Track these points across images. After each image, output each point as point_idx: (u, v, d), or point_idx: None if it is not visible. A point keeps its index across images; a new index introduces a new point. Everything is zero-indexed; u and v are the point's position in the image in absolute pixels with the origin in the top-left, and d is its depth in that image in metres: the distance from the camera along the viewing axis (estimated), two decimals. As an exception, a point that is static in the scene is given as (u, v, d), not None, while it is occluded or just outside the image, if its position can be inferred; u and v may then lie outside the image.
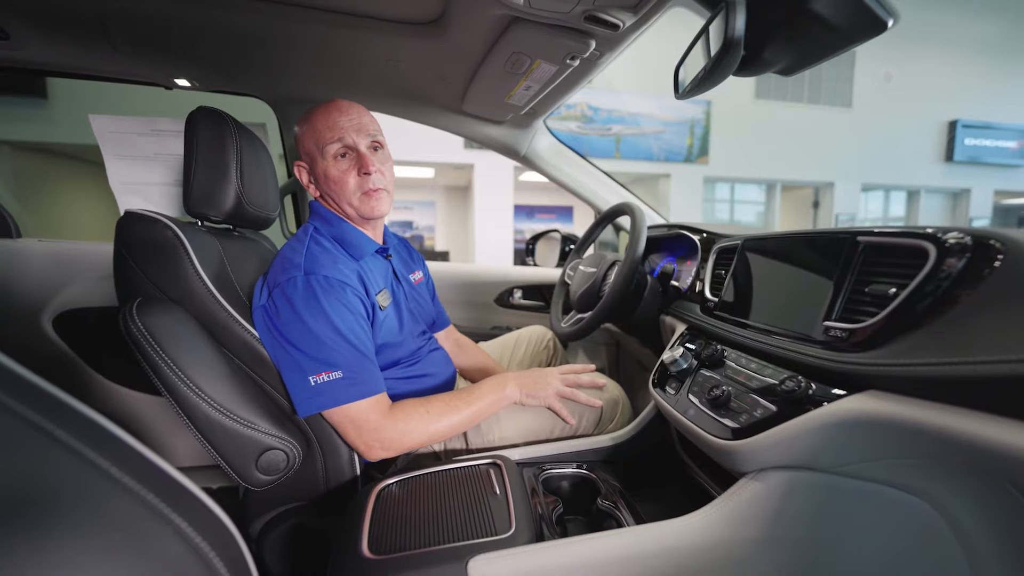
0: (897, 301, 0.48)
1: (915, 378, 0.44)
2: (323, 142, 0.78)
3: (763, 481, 0.56)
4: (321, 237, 0.80)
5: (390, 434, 0.71)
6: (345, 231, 0.82)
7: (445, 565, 0.52)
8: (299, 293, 0.69)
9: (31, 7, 0.80)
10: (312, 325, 0.68)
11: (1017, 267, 0.42)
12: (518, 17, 0.74)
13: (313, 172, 0.82)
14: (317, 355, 0.68)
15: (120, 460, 0.29)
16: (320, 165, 0.79)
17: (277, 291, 0.70)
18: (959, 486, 0.50)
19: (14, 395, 0.27)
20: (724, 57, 0.60)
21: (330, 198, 0.82)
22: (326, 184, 0.80)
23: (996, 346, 0.39)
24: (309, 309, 0.69)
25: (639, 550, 0.55)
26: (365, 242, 0.83)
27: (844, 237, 0.58)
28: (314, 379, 0.67)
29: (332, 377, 0.68)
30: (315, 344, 0.68)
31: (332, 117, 0.78)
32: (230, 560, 0.33)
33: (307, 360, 0.68)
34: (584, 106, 7.24)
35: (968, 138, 8.50)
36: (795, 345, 0.58)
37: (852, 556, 0.56)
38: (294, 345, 0.68)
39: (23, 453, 0.26)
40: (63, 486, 0.27)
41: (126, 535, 0.29)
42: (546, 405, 0.83)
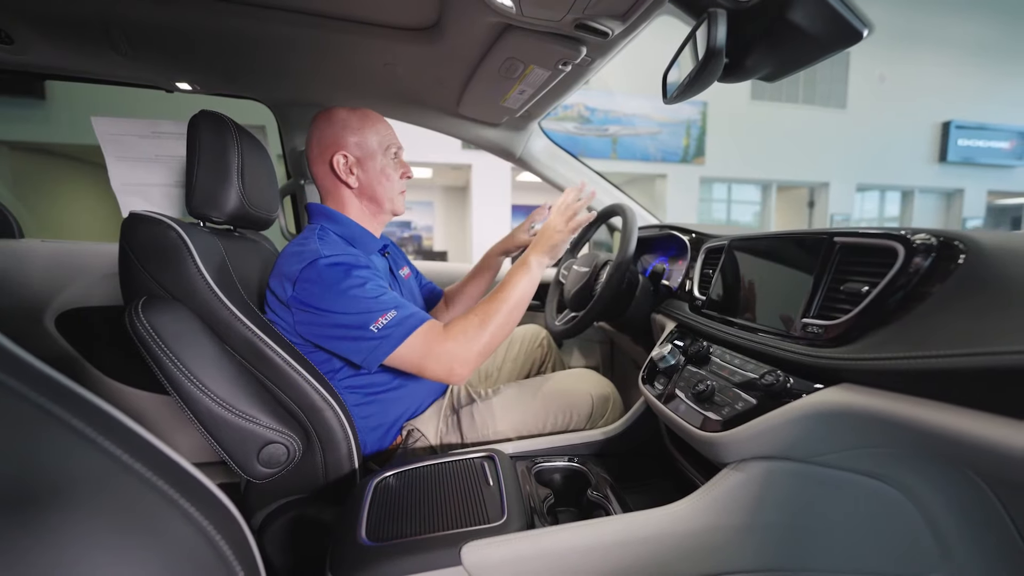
0: (868, 299, 0.51)
1: (884, 371, 0.47)
2: (387, 143, 0.88)
3: (744, 471, 0.58)
4: (328, 234, 0.83)
5: (458, 348, 0.75)
6: (353, 229, 0.87)
7: (440, 551, 0.54)
8: (326, 271, 0.74)
9: (35, 12, 0.82)
10: (350, 289, 0.73)
11: (977, 266, 0.45)
12: (511, 24, 0.76)
13: (363, 165, 0.86)
14: (368, 308, 0.73)
15: (132, 449, 0.32)
16: (379, 161, 0.87)
17: (303, 278, 0.74)
18: (927, 474, 0.52)
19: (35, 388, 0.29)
20: (707, 65, 0.62)
21: (372, 191, 0.88)
22: (378, 178, 0.87)
23: (956, 340, 0.42)
24: (342, 279, 0.74)
25: (625, 537, 0.58)
26: (371, 240, 0.88)
27: (822, 238, 0.61)
28: (375, 327, 0.72)
29: (388, 318, 0.73)
30: (360, 302, 0.73)
31: (382, 122, 0.89)
32: (235, 543, 0.36)
33: (361, 317, 0.72)
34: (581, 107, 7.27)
35: (961, 139, 8.57)
36: (776, 341, 0.61)
37: (828, 541, 0.59)
38: (343, 312, 0.72)
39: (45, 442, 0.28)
40: (81, 472, 0.30)
41: (138, 518, 0.31)
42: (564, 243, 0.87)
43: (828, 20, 0.59)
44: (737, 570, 0.60)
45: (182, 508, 0.33)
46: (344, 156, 0.85)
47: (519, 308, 0.81)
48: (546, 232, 0.86)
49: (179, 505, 0.33)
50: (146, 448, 0.33)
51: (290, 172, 1.28)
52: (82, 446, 0.30)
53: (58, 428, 0.29)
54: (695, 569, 0.59)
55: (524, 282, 0.82)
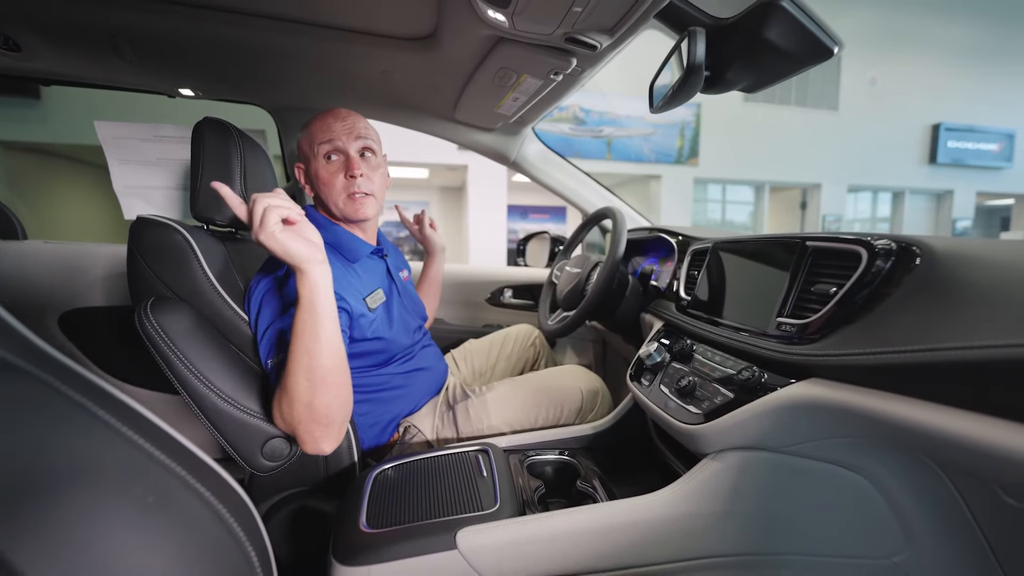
0: (835, 299, 0.55)
1: (847, 367, 0.51)
2: (315, 143, 0.82)
3: (721, 461, 0.62)
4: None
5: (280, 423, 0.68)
6: (340, 235, 0.85)
7: (436, 536, 0.57)
8: (277, 284, 0.74)
9: (43, 21, 0.85)
10: (281, 310, 0.72)
11: (930, 270, 0.49)
12: (504, 37, 0.79)
13: (307, 172, 0.86)
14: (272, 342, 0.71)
15: (153, 439, 0.35)
16: (312, 165, 0.83)
17: (262, 284, 0.74)
18: (888, 461, 0.56)
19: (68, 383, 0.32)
20: (688, 79, 0.66)
21: (319, 198, 0.87)
22: (317, 184, 0.84)
23: (911, 337, 0.46)
24: (283, 295, 0.73)
25: (611, 522, 0.61)
26: (360, 245, 0.87)
27: (796, 242, 0.65)
28: (270, 361, 0.71)
29: (278, 359, 0.70)
30: (277, 328, 0.71)
31: (327, 122, 0.83)
32: (246, 526, 0.39)
33: (264, 347, 0.72)
34: (576, 108, 7.32)
35: (951, 141, 8.70)
36: (754, 339, 0.65)
37: (800, 527, 0.63)
38: (260, 328, 0.72)
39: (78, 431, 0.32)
40: (109, 459, 0.33)
41: (159, 499, 0.34)
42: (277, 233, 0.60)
43: (801, 38, 0.63)
44: (716, 554, 0.63)
45: (199, 492, 0.37)
46: (299, 167, 0.88)
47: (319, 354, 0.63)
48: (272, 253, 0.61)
49: (196, 489, 0.37)
50: (165, 438, 0.36)
51: (289, 175, 1.31)
52: (110, 436, 0.33)
53: (88, 419, 0.32)
54: (676, 553, 0.63)
55: (307, 320, 0.62)
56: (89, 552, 0.29)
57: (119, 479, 0.33)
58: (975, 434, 0.39)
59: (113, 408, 0.34)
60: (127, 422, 0.34)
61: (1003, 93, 8.91)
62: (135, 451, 0.34)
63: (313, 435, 0.66)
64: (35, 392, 0.31)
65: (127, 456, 0.34)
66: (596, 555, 0.60)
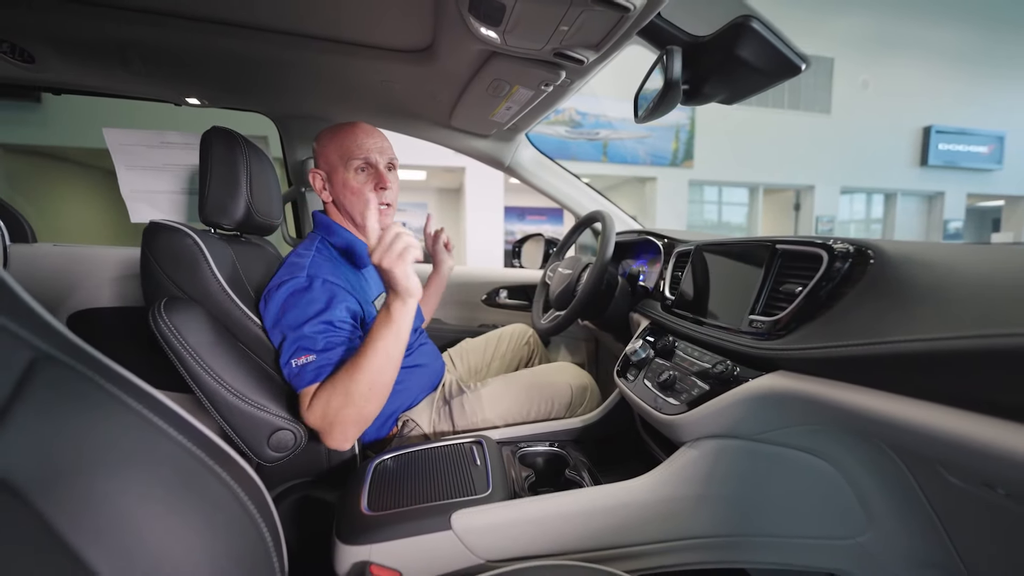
0: (800, 298, 0.60)
1: (809, 359, 0.55)
2: (349, 155, 0.88)
3: (698, 448, 0.67)
4: (327, 247, 0.89)
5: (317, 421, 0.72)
6: (351, 242, 0.91)
7: (432, 518, 0.62)
8: (300, 287, 0.78)
9: (57, 35, 0.89)
10: (303, 312, 0.76)
11: (882, 269, 0.54)
12: (497, 51, 0.84)
13: (331, 180, 0.91)
14: (298, 343, 0.75)
15: (174, 423, 0.40)
16: (341, 175, 0.89)
17: (279, 287, 0.79)
18: (849, 447, 0.61)
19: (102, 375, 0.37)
20: (668, 93, 0.71)
21: (342, 205, 0.92)
22: (343, 191, 0.90)
23: (863, 331, 0.50)
24: (306, 300, 0.77)
25: (595, 506, 0.66)
26: (366, 251, 0.90)
27: (768, 244, 0.69)
28: (295, 361, 0.74)
29: (308, 359, 0.74)
30: (304, 331, 0.75)
31: (360, 137, 0.90)
32: (258, 504, 0.44)
33: (290, 347, 0.75)
34: (572, 111, 7.38)
35: (942, 143, 8.81)
36: (729, 335, 0.69)
37: (770, 509, 0.68)
38: (284, 331, 0.76)
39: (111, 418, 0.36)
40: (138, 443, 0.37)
41: (184, 480, 0.39)
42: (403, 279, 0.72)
43: (771, 56, 0.68)
44: (693, 535, 0.68)
45: (217, 473, 0.42)
46: (318, 173, 0.93)
47: (386, 370, 0.73)
48: (386, 276, 0.71)
49: (215, 471, 0.41)
50: (187, 426, 0.41)
51: (291, 180, 1.35)
52: (140, 423, 0.38)
53: (121, 408, 0.37)
54: (656, 535, 0.67)
55: (387, 337, 0.72)
56: (127, 523, 0.33)
57: (149, 461, 0.37)
58: (918, 419, 0.43)
59: (142, 399, 0.38)
60: (154, 411, 0.39)
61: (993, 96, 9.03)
62: (162, 437, 0.39)
63: (347, 434, 0.73)
64: (76, 383, 0.35)
65: (155, 441, 0.38)
66: (582, 536, 0.65)
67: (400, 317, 0.73)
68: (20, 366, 0.33)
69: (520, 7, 0.66)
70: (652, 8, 0.66)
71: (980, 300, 0.44)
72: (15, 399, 0.31)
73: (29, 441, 0.31)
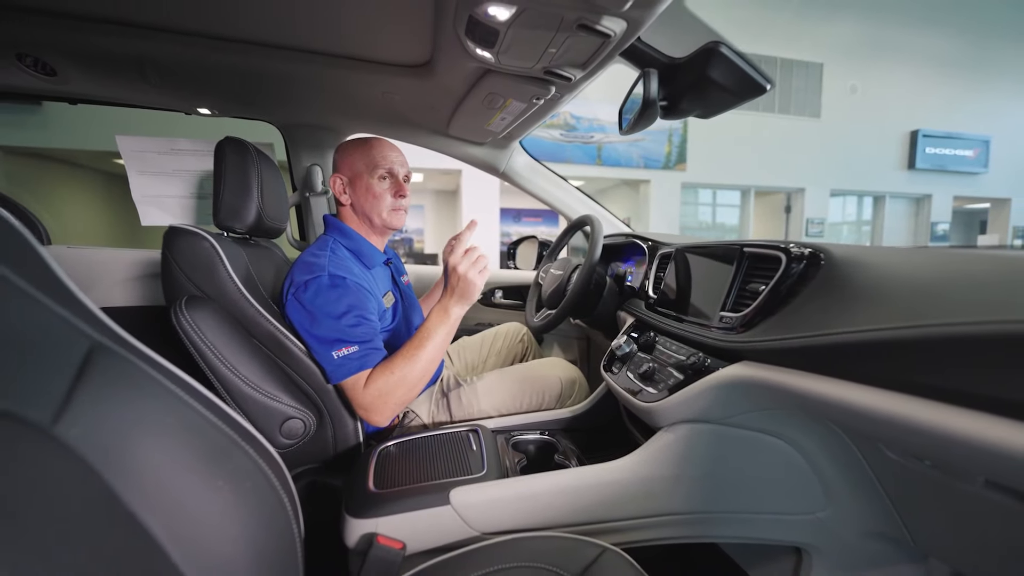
0: (762, 296, 0.67)
1: (768, 350, 0.62)
2: (374, 164, 0.98)
3: (673, 432, 0.73)
4: (339, 248, 0.97)
5: (374, 403, 0.84)
6: (361, 244, 1.00)
7: (432, 494, 0.68)
8: (323, 290, 0.86)
9: (79, 51, 0.94)
10: (333, 313, 0.84)
11: (831, 270, 0.61)
12: (491, 69, 0.91)
13: (353, 185, 0.99)
14: (340, 336, 0.84)
15: (206, 405, 0.46)
16: (364, 180, 0.98)
17: (305, 286, 0.86)
18: (806, 429, 0.68)
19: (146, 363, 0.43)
20: (646, 110, 0.78)
21: (361, 208, 1.00)
22: (365, 195, 0.99)
23: (813, 325, 0.57)
24: (332, 301, 0.85)
25: (581, 484, 0.73)
26: (376, 254, 1.02)
27: (737, 247, 0.77)
28: (336, 354, 0.83)
29: (350, 351, 0.84)
30: (336, 328, 0.84)
31: (385, 149, 1.01)
32: (278, 476, 0.50)
33: (331, 342, 0.84)
34: (567, 115, 7.47)
35: (929, 147, 8.99)
36: (703, 331, 0.76)
37: (739, 487, 0.74)
38: (320, 330, 0.84)
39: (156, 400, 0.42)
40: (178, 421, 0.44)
41: (215, 452, 0.45)
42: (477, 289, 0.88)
43: (739, 78, 0.75)
44: (669, 512, 0.75)
45: (244, 449, 0.48)
46: (339, 178, 1.00)
47: (436, 359, 0.88)
48: (461, 282, 0.86)
49: (242, 447, 0.48)
50: (217, 408, 0.47)
51: (296, 185, 1.41)
52: (178, 404, 0.44)
53: (163, 391, 0.43)
54: (636, 511, 0.74)
55: (442, 332, 0.87)
56: (172, 489, 0.40)
57: (187, 437, 0.44)
58: (857, 401, 0.50)
59: (179, 383, 0.44)
60: (190, 394, 0.45)
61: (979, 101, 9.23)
62: (197, 416, 0.45)
63: (393, 411, 0.86)
64: (125, 369, 0.41)
65: (191, 420, 0.45)
66: (568, 511, 0.71)
67: (456, 317, 0.89)
68: (81, 353, 0.39)
69: (512, 32, 0.73)
70: (632, 33, 0.73)
71: (907, 297, 0.51)
72: (78, 381, 0.38)
73: (92, 417, 0.37)
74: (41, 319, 0.38)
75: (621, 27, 0.70)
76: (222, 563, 0.42)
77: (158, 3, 0.82)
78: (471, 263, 0.86)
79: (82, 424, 0.36)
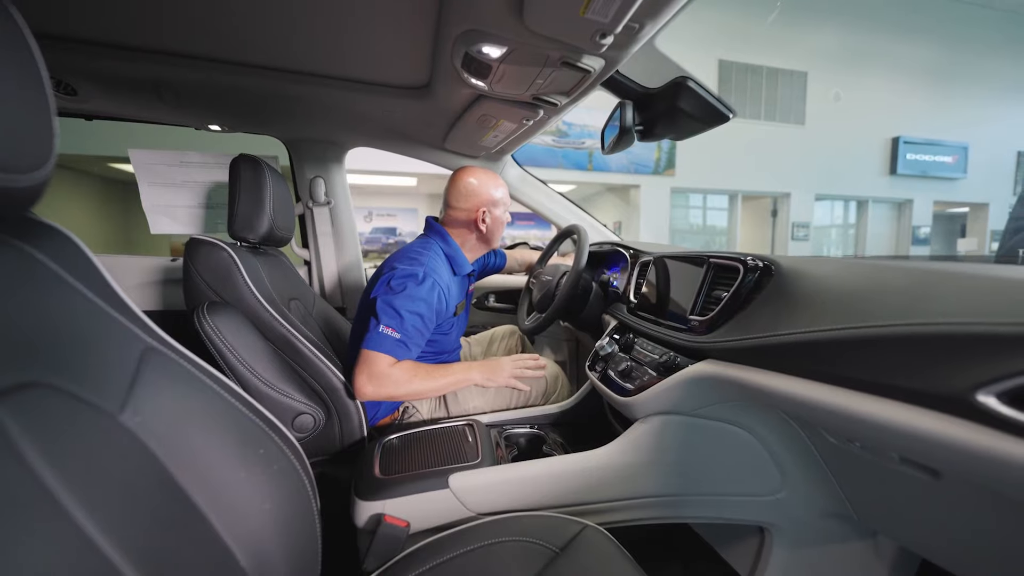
0: (723, 301, 0.76)
1: (727, 349, 0.71)
2: (505, 201, 1.19)
3: (648, 423, 0.82)
4: (439, 251, 1.10)
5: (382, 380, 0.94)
6: (457, 253, 1.14)
7: (433, 479, 0.76)
8: (415, 279, 0.99)
9: (101, 74, 1.01)
10: (410, 303, 0.97)
11: (780, 279, 0.70)
12: (484, 95, 1.00)
13: (490, 213, 1.15)
14: (394, 315, 0.96)
15: (239, 399, 0.54)
16: (497, 212, 1.16)
17: (402, 270, 1.00)
18: (763, 418, 0.78)
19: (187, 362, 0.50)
20: (623, 136, 0.88)
21: (492, 232, 1.17)
22: (495, 224, 1.16)
23: (764, 327, 0.66)
24: (413, 293, 0.98)
25: (566, 470, 0.81)
26: (467, 265, 1.16)
27: (704, 257, 0.86)
28: (382, 328, 0.95)
29: (391, 332, 0.95)
30: (397, 310, 0.96)
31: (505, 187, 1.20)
32: (299, 459, 0.58)
33: (384, 314, 0.96)
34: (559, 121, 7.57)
35: (910, 153, 9.25)
36: (675, 332, 0.85)
37: (706, 472, 0.83)
38: (384, 302, 0.96)
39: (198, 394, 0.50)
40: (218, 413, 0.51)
41: (249, 438, 0.53)
42: (503, 385, 1.10)
43: (705, 108, 0.84)
44: (645, 495, 0.84)
45: (271, 437, 0.56)
46: (486, 211, 1.13)
47: (442, 390, 1.04)
48: (497, 364, 1.10)
49: (270, 435, 0.56)
50: (247, 402, 0.55)
51: (298, 196, 1.48)
52: (217, 399, 0.52)
53: (204, 388, 0.51)
54: (615, 494, 0.83)
55: (456, 379, 1.04)
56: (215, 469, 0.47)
57: (226, 426, 0.52)
58: (800, 392, 0.59)
59: (216, 381, 0.52)
60: (225, 390, 0.53)
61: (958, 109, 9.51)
62: (233, 409, 0.53)
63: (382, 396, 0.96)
64: (173, 368, 0.49)
65: (229, 412, 0.53)
66: (554, 494, 0.80)
67: (473, 381, 1.06)
68: (137, 354, 0.47)
69: (503, 67, 0.82)
70: (610, 68, 0.82)
71: (840, 303, 0.60)
72: (137, 377, 0.46)
73: (151, 408, 0.45)
74: (105, 324, 0.46)
75: (600, 64, 0.79)
76: (255, 530, 0.50)
77: (175, 31, 0.89)
78: (520, 371, 1.10)
79: (143, 414, 0.43)
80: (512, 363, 1.11)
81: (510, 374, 1.09)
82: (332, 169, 1.48)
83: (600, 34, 0.67)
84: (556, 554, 0.61)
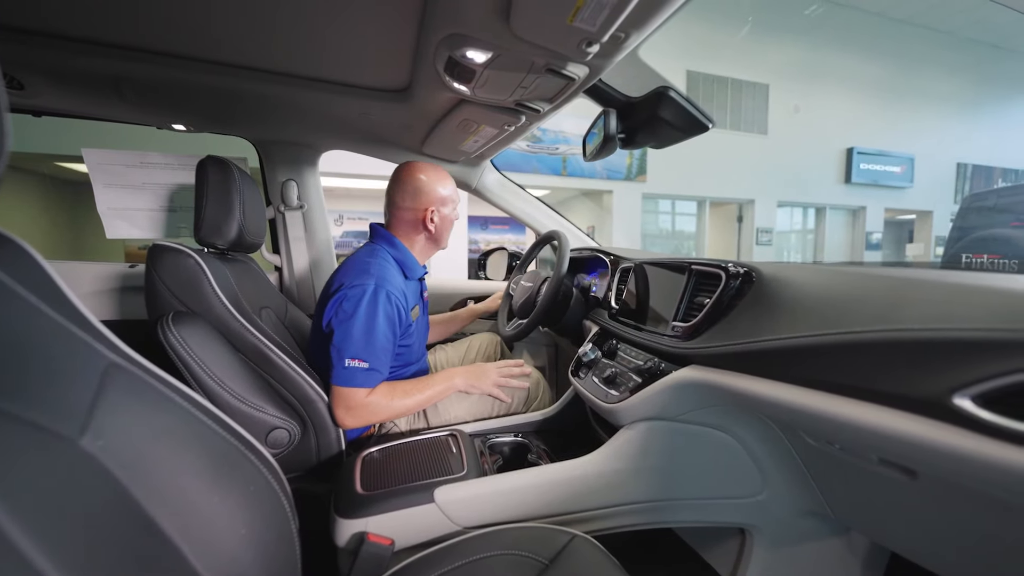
0: (706, 308, 0.77)
1: (710, 355, 0.72)
2: (453, 199, 1.14)
3: (633, 429, 0.83)
4: (388, 257, 1.05)
5: (361, 411, 0.93)
6: (406, 256, 1.09)
7: (418, 494, 0.74)
8: (367, 298, 0.93)
9: (50, 67, 0.94)
10: (369, 323, 0.93)
11: (761, 286, 0.72)
12: (466, 99, 0.98)
13: (439, 212, 1.10)
14: (357, 346, 0.92)
15: (208, 415, 0.51)
16: (445, 211, 1.12)
17: (352, 290, 0.94)
18: (745, 422, 0.79)
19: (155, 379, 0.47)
20: (606, 144, 0.88)
21: (440, 232, 1.13)
22: (443, 223, 1.12)
23: (745, 333, 0.67)
24: (369, 313, 0.93)
25: (552, 479, 0.80)
26: (418, 268, 1.12)
27: (686, 264, 0.87)
28: (348, 361, 0.91)
29: (357, 363, 0.92)
30: (359, 337, 0.92)
31: (455, 184, 1.16)
32: (277, 480, 0.55)
33: (345, 347, 0.91)
34: (533, 126, 7.65)
35: (863, 163, 9.84)
36: (658, 338, 0.86)
37: (691, 476, 0.84)
38: (344, 333, 0.92)
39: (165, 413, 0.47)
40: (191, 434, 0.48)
41: (223, 459, 0.50)
42: (486, 393, 1.07)
43: (685, 117, 0.86)
44: (631, 501, 0.84)
45: (248, 458, 0.53)
46: (434, 211, 1.09)
47: (427, 403, 1.02)
48: (481, 370, 1.08)
49: (245, 455, 0.53)
50: (221, 420, 0.52)
51: (269, 199, 1.42)
52: (188, 417, 0.49)
53: (173, 406, 0.48)
54: (602, 502, 0.82)
55: (439, 390, 1.03)
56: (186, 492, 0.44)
57: (198, 446, 0.48)
58: (782, 397, 0.60)
59: (186, 399, 0.49)
60: (197, 408, 0.50)
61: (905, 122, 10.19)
62: (205, 428, 0.50)
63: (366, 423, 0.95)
64: (137, 386, 0.46)
65: (201, 431, 0.50)
66: (541, 504, 0.79)
67: (457, 388, 1.04)
68: (99, 372, 0.44)
69: (487, 72, 0.81)
70: (593, 76, 0.82)
71: (820, 309, 0.62)
72: (98, 397, 0.42)
73: (113, 430, 0.41)
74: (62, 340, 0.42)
75: (584, 72, 0.79)
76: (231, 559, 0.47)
77: (136, 24, 0.83)
78: (504, 379, 1.07)
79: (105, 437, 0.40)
80: (497, 370, 1.09)
81: (494, 382, 1.07)
82: (305, 172, 1.42)
83: (586, 42, 0.67)
84: (545, 566, 0.60)
